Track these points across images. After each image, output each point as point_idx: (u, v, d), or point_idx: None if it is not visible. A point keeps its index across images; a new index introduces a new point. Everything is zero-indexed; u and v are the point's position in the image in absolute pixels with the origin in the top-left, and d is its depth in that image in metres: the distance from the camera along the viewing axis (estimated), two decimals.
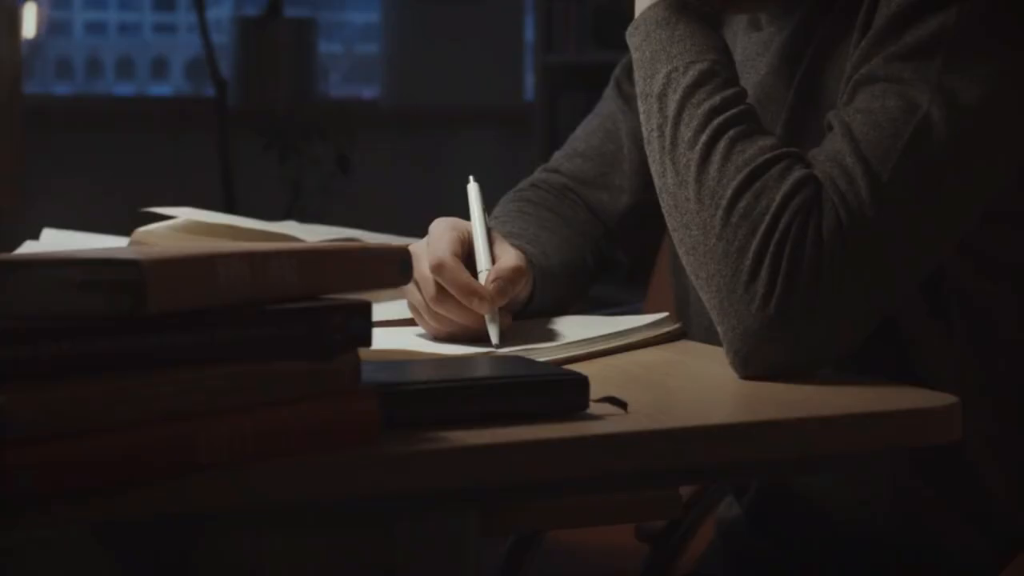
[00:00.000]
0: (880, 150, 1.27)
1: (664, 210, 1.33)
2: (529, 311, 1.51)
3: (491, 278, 1.39)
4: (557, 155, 1.73)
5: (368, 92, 5.77)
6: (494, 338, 1.36)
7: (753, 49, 1.51)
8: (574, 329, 1.44)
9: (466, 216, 1.48)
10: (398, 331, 1.44)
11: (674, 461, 1.08)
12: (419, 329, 1.43)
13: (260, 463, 0.97)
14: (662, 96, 1.34)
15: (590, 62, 4.65)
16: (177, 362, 0.95)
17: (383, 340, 1.35)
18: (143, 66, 5.97)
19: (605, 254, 1.67)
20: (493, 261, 1.42)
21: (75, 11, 5.80)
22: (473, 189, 1.51)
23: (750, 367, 1.26)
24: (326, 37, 5.58)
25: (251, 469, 0.96)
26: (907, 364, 1.40)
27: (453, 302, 1.37)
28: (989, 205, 1.34)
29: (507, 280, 1.39)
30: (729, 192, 1.27)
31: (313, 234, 1.93)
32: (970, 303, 1.40)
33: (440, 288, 1.37)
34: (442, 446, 1.02)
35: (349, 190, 4.96)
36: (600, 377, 1.28)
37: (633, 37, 1.39)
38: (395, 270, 1.09)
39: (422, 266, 1.39)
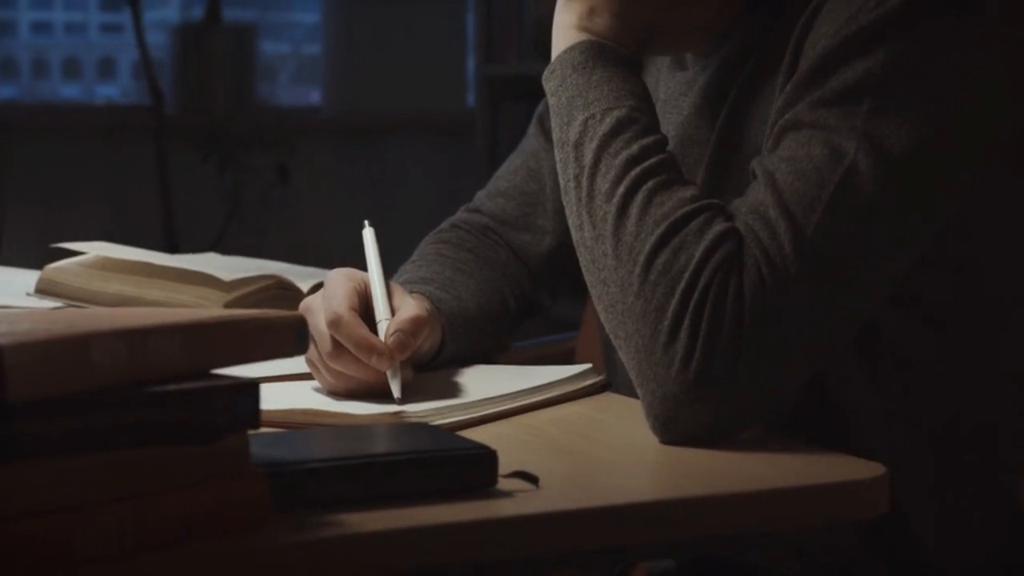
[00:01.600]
0: (804, 201, 1.21)
1: (582, 265, 1.28)
2: (442, 360, 1.45)
3: (390, 331, 1.33)
4: (480, 194, 1.68)
5: (311, 98, 5.71)
6: (396, 393, 1.30)
7: (677, 89, 1.46)
8: (488, 382, 1.38)
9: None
10: (296, 386, 1.38)
11: (588, 542, 1.03)
12: (317, 383, 1.37)
13: (142, 556, 0.91)
14: (578, 145, 1.28)
15: (531, 73, 4.59)
16: (47, 451, 0.88)
17: (280, 396, 1.29)
18: (90, 67, 5.89)
19: (530, 297, 1.62)
20: (393, 311, 1.36)
21: (20, 11, 5.72)
22: (368, 235, 1.44)
23: (671, 432, 1.21)
24: (267, 42, 5.50)
25: (133, 563, 0.90)
26: (835, 416, 1.36)
27: (351, 357, 1.31)
28: (920, 251, 1.29)
29: (407, 333, 1.33)
30: (647, 248, 1.21)
31: (233, 269, 1.87)
32: (899, 351, 1.35)
33: (337, 344, 1.32)
34: (335, 532, 0.96)
35: (289, 200, 4.90)
36: (513, 440, 1.23)
37: (549, 82, 1.34)
38: (289, 340, 1.03)
39: (318, 321, 1.33)
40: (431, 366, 1.44)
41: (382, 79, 5.41)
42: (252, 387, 0.96)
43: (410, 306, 1.36)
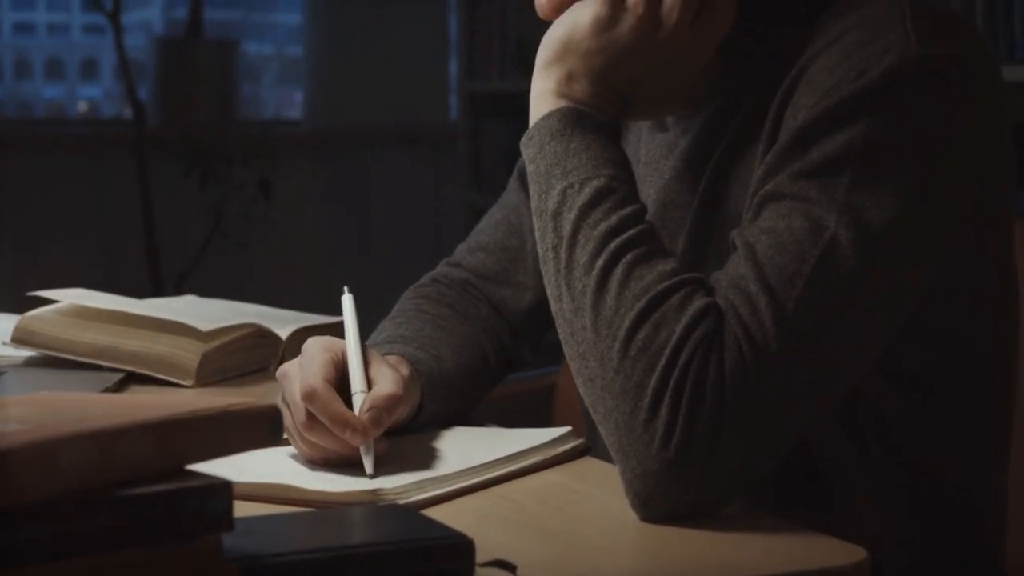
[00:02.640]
0: (785, 276, 1.20)
1: (560, 336, 1.26)
2: (420, 422, 1.44)
3: (365, 407, 1.31)
4: (460, 248, 1.67)
5: (294, 98, 5.70)
6: (368, 469, 1.29)
7: (658, 151, 1.44)
8: (465, 449, 1.37)
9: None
10: (273, 452, 1.36)
11: None
12: (292, 449, 1.35)
13: None
14: (557, 215, 1.27)
15: (513, 90, 4.58)
16: (13, 560, 0.87)
17: (258, 462, 1.28)
18: (72, 68, 5.87)
19: (511, 352, 1.61)
20: (370, 383, 1.35)
21: (2, 12, 5.69)
22: (347, 302, 1.42)
23: (651, 510, 1.19)
24: (247, 57, 5.49)
25: None
26: (819, 481, 1.35)
27: (324, 430, 1.30)
28: (902, 323, 1.28)
29: (382, 409, 1.31)
30: (627, 323, 1.20)
31: (211, 316, 1.85)
32: (884, 418, 1.35)
33: (312, 415, 1.30)
34: None
35: (271, 215, 4.88)
36: (490, 516, 1.22)
37: (527, 148, 1.32)
38: (263, 430, 1.02)
39: (294, 390, 1.32)
40: (409, 428, 1.43)
41: (364, 91, 5.40)
42: (224, 488, 0.95)
43: (387, 381, 1.34)
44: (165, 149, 4.84)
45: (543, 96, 1.32)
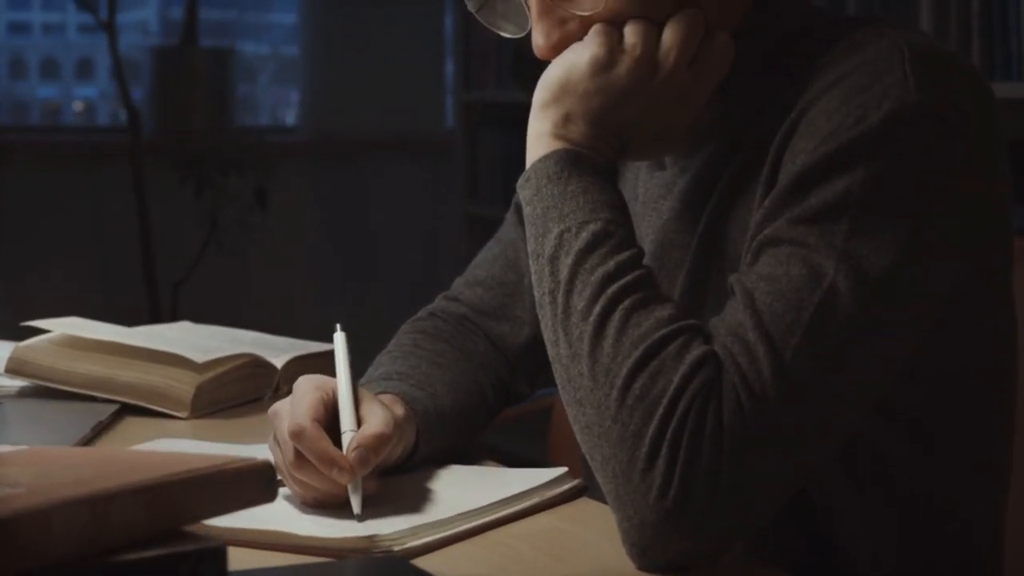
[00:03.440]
0: (783, 324, 1.19)
1: (557, 381, 1.26)
2: (415, 462, 1.43)
3: (352, 446, 1.30)
4: (458, 281, 1.66)
5: (287, 111, 5.69)
6: (356, 509, 1.28)
7: (656, 191, 1.43)
8: (460, 491, 1.36)
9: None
10: None
11: None
12: (287, 490, 1.35)
13: None
14: (554, 259, 1.26)
15: (509, 100, 4.57)
16: None
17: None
18: (68, 67, 5.86)
19: (509, 387, 1.60)
20: (360, 421, 1.34)
21: None
22: (339, 340, 1.42)
23: (648, 559, 1.19)
24: (243, 57, 5.48)
25: None
26: (816, 518, 1.34)
27: (313, 469, 1.30)
28: (901, 365, 1.28)
29: (369, 448, 1.30)
30: (624, 371, 1.19)
31: (207, 345, 1.85)
32: (881, 458, 1.34)
33: (300, 454, 1.30)
34: None
35: (267, 223, 4.87)
36: (485, 562, 1.21)
37: (524, 190, 1.31)
38: (257, 489, 1.02)
39: (283, 428, 1.32)
40: (404, 468, 1.42)
41: (359, 99, 5.39)
42: (219, 552, 0.94)
43: (376, 420, 1.34)
44: (161, 156, 4.83)
45: (540, 137, 1.31)
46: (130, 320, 2.06)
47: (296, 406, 1.33)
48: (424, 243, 5.38)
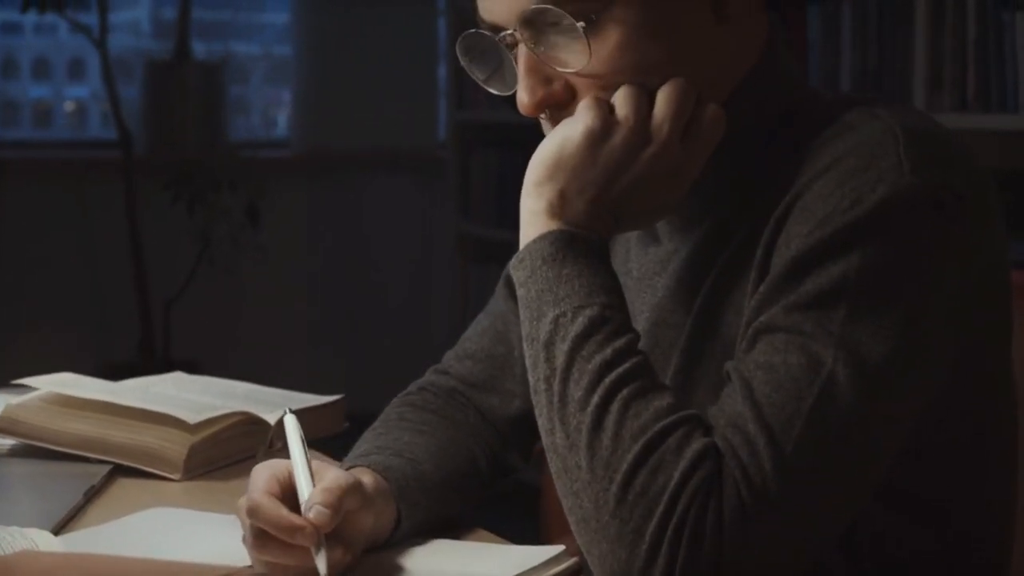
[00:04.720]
0: (783, 416, 1.19)
1: (552, 471, 1.24)
2: (400, 535, 1.40)
3: (308, 504, 1.27)
4: (448, 355, 1.64)
5: (278, 113, 5.68)
6: (322, 571, 1.25)
7: (651, 267, 1.42)
8: (447, 570, 1.33)
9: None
10: None
11: None
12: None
13: None
14: (549, 344, 1.25)
15: (502, 120, 4.54)
16: None
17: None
18: (59, 67, 5.85)
19: (501, 459, 1.58)
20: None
21: None
22: (290, 421, 1.37)
23: None
24: (236, 79, 5.47)
25: None
26: None
27: (276, 544, 1.27)
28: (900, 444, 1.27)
29: (326, 503, 1.27)
30: (624, 466, 1.18)
31: (198, 402, 1.84)
32: (881, 540, 1.33)
33: (261, 532, 1.27)
34: None
35: (260, 240, 4.86)
36: None
37: (518, 271, 1.30)
38: None
39: (243, 515, 1.29)
40: (391, 541, 1.39)
41: (351, 114, 5.38)
42: None
43: (330, 476, 1.31)
44: (153, 174, 4.83)
45: (534, 216, 1.30)
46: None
47: (250, 487, 1.31)
48: (417, 259, 5.37)
